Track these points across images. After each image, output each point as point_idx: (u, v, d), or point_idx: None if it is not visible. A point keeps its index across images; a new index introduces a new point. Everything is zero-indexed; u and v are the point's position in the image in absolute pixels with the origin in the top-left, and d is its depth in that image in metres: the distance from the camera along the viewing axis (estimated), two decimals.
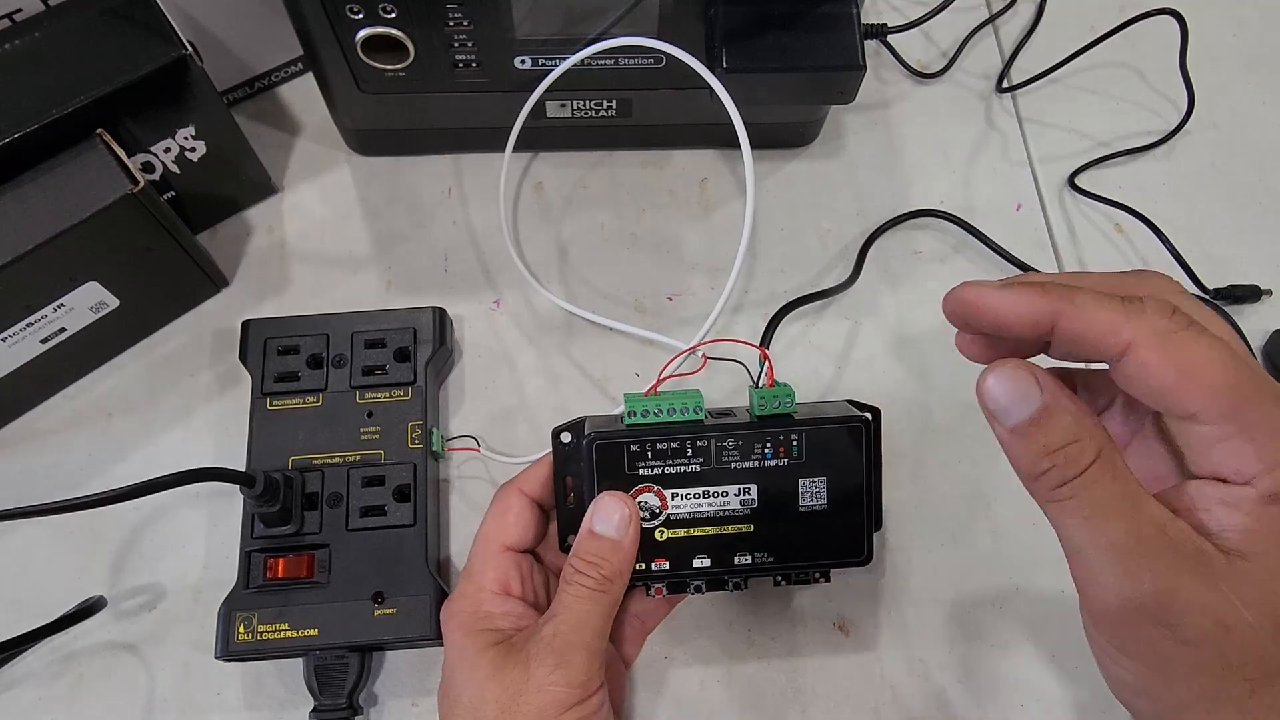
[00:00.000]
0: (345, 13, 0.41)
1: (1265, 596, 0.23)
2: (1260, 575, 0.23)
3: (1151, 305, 0.25)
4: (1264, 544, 0.24)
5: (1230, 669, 0.24)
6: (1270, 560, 0.23)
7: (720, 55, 0.41)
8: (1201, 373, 0.24)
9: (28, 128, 0.39)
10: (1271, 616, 0.23)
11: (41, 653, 0.42)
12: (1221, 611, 0.23)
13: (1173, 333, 0.25)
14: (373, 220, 0.52)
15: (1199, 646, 0.24)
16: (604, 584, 0.34)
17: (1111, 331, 0.25)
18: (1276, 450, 0.24)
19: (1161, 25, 0.53)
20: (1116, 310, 0.25)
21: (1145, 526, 0.24)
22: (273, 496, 0.40)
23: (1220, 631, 0.24)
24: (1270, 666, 0.23)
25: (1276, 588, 0.23)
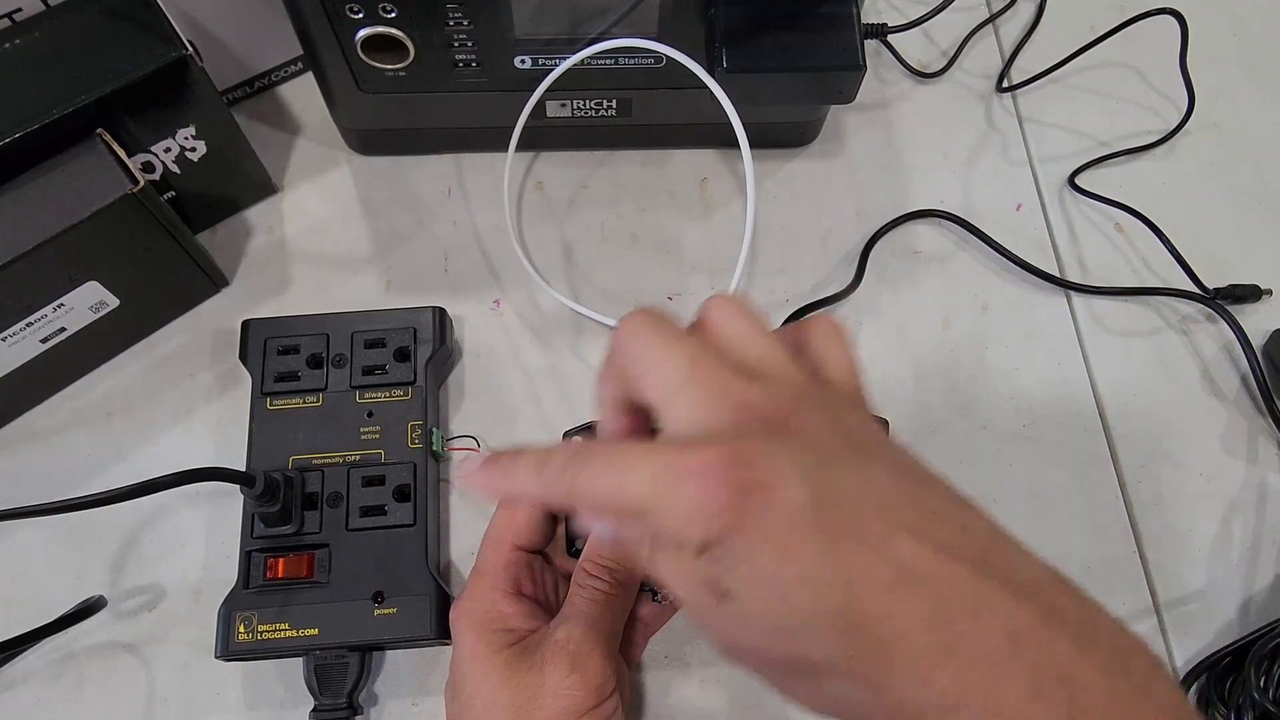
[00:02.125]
0: (345, 12, 0.41)
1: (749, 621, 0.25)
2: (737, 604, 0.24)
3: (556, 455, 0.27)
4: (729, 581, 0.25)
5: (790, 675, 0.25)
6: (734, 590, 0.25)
7: (720, 55, 0.41)
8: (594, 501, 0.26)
9: (28, 128, 0.39)
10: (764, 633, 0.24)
11: (41, 653, 0.42)
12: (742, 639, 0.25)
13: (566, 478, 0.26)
14: (373, 220, 0.52)
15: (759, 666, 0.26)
16: (615, 587, 0.34)
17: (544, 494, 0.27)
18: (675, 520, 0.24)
19: (1161, 25, 0.53)
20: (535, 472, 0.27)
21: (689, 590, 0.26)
22: (273, 496, 0.40)
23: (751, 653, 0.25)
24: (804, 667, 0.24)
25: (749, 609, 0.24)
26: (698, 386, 0.25)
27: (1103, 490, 0.47)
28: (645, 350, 0.27)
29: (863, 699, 0.24)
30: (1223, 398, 0.50)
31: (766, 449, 0.24)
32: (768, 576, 0.24)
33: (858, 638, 0.23)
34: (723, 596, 0.25)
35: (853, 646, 0.23)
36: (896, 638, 0.23)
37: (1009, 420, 0.48)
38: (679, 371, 0.26)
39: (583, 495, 0.26)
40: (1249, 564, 0.46)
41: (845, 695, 0.25)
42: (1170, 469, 0.48)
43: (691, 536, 0.24)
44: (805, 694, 0.26)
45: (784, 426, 0.25)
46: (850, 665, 0.24)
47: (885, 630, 0.23)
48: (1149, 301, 0.52)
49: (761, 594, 0.24)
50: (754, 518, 0.24)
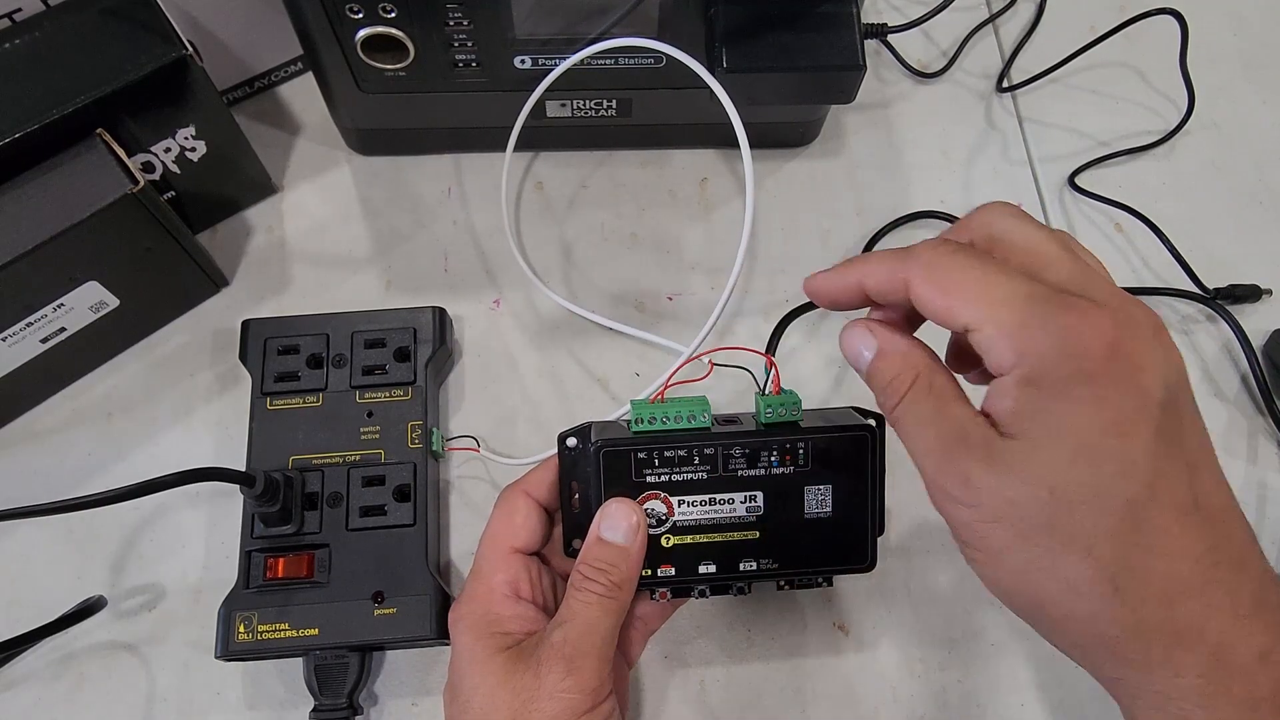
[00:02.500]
0: (345, 13, 0.41)
1: (1033, 467, 0.26)
2: (1026, 449, 0.26)
3: (921, 246, 0.29)
4: (1025, 422, 0.26)
5: (1026, 537, 0.26)
6: (1034, 433, 0.26)
7: (720, 55, 0.41)
8: (959, 288, 0.27)
9: (28, 128, 0.39)
10: (1042, 483, 0.26)
11: (41, 653, 0.42)
12: (1003, 487, 0.26)
13: (935, 262, 0.28)
14: (373, 220, 0.52)
15: (998, 522, 0.27)
16: (612, 590, 0.34)
17: (893, 278, 0.29)
18: (1026, 340, 0.26)
19: (1161, 25, 0.53)
20: (894, 260, 0.30)
21: (949, 428, 0.28)
22: (273, 496, 0.40)
23: (1007, 505, 0.26)
24: (1056, 529, 0.26)
25: (1041, 457, 0.26)
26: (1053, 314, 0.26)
27: None
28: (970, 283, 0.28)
29: (1094, 599, 0.26)
30: (1223, 398, 0.50)
31: (1149, 342, 0.26)
32: (1088, 435, 0.25)
33: (1136, 535, 0.25)
34: (998, 436, 0.27)
35: (1126, 540, 0.25)
36: (1165, 553, 0.25)
37: None
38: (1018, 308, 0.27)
39: (940, 283, 0.28)
40: None
41: (1078, 587, 0.26)
42: None
43: (1042, 361, 0.25)
44: (1021, 564, 0.27)
45: (1160, 334, 0.27)
46: (1110, 556, 0.25)
47: (1161, 541, 0.25)
48: (1149, 301, 0.52)
49: (1066, 447, 0.25)
50: (1108, 382, 0.25)
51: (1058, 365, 0.25)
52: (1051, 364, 0.25)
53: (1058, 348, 0.25)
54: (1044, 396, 0.26)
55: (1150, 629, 0.25)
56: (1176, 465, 0.25)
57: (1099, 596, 0.25)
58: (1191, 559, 0.25)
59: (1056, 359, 0.25)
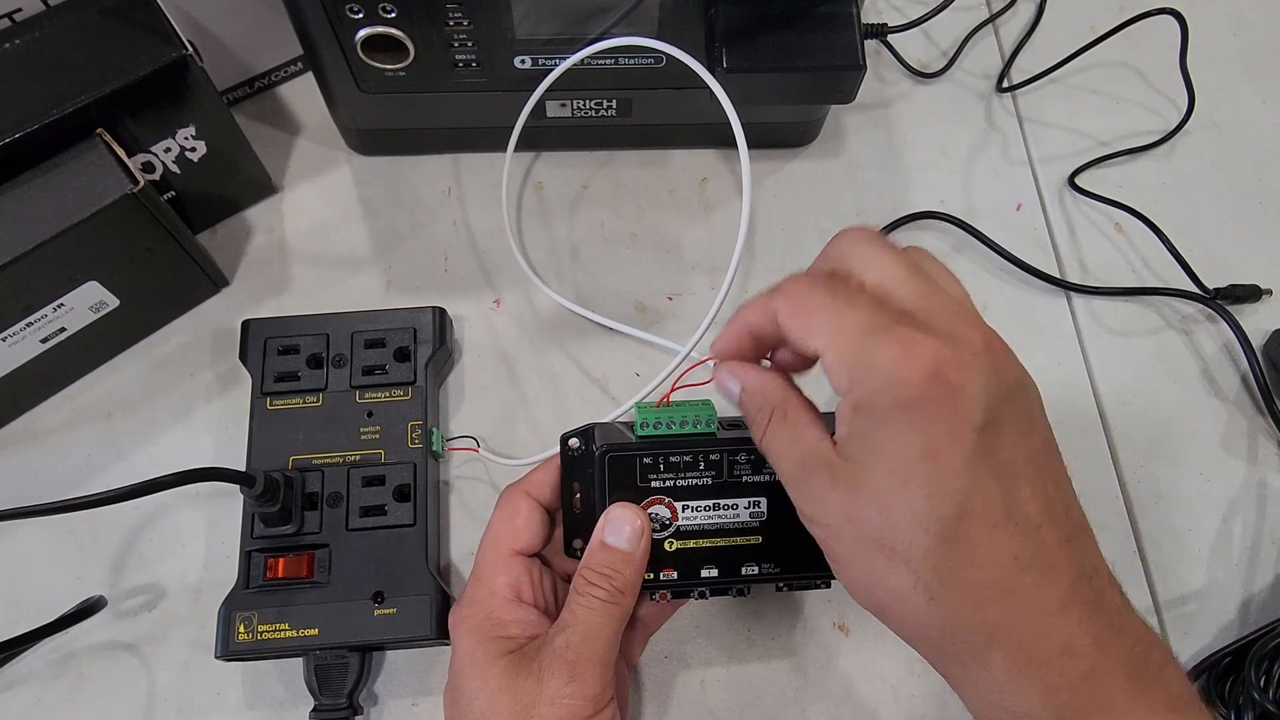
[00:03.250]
0: (345, 13, 0.41)
1: (864, 489, 0.28)
2: (857, 472, 0.28)
3: (788, 280, 0.31)
4: (855, 446, 0.28)
5: (863, 550, 0.29)
6: (861, 456, 0.28)
7: (720, 55, 0.41)
8: (810, 317, 0.30)
9: (28, 128, 0.39)
10: (872, 503, 0.28)
11: (41, 653, 0.42)
12: (843, 506, 0.29)
13: (795, 293, 0.31)
14: (373, 220, 0.52)
15: (841, 537, 0.29)
16: (615, 595, 0.34)
17: (766, 312, 0.32)
18: (856, 370, 0.28)
19: (1161, 25, 0.53)
20: (766, 296, 0.32)
21: (802, 453, 0.30)
22: (273, 496, 0.40)
23: (846, 523, 0.29)
24: (884, 544, 0.28)
25: (869, 480, 0.28)
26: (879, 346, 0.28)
27: (1103, 490, 0.47)
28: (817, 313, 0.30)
29: (916, 605, 0.28)
30: (1223, 398, 0.50)
31: (972, 364, 0.28)
32: (901, 460, 0.27)
33: (948, 549, 0.27)
34: (838, 457, 0.29)
35: (939, 553, 0.27)
36: (975, 563, 0.27)
37: None
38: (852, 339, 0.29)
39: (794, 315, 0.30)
40: (1249, 564, 0.46)
41: (904, 594, 0.28)
42: (1170, 469, 0.48)
43: (868, 389, 0.28)
44: (862, 574, 0.30)
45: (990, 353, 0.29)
46: (926, 568, 0.28)
47: (970, 552, 0.27)
48: (1149, 301, 0.52)
49: (883, 470, 0.28)
50: (929, 406, 0.27)
51: (881, 394, 0.27)
52: (876, 393, 0.28)
53: (882, 377, 0.27)
54: (870, 423, 0.28)
55: (963, 629, 0.28)
56: (988, 481, 0.27)
57: (919, 604, 0.28)
58: (998, 566, 0.27)
59: (880, 388, 0.27)
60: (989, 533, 0.27)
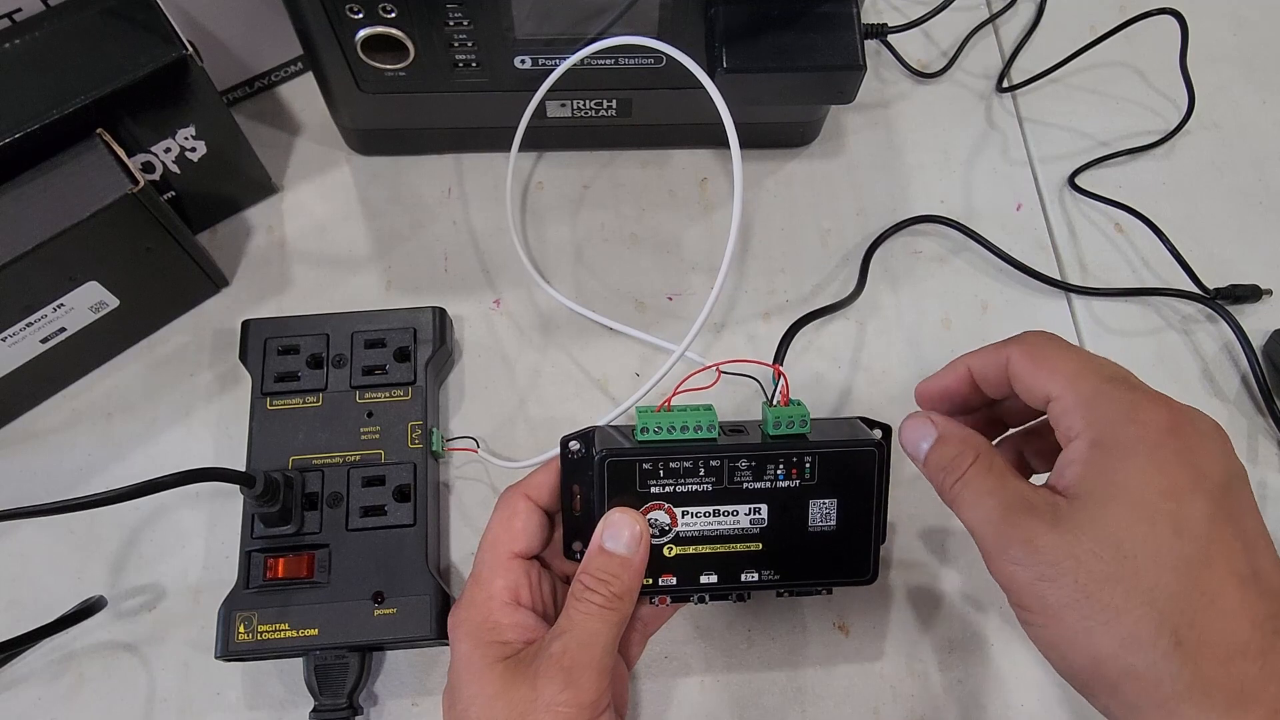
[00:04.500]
0: (345, 13, 0.41)
1: (1097, 524, 0.28)
2: (1092, 508, 0.28)
3: (1024, 333, 0.34)
4: (1091, 482, 0.28)
5: (1089, 592, 0.27)
6: (1098, 492, 0.28)
7: (720, 55, 0.41)
8: (1051, 362, 0.32)
9: (28, 128, 0.39)
10: (1106, 539, 0.27)
11: (41, 653, 0.42)
12: (1068, 546, 0.28)
13: (1034, 342, 0.33)
14: (373, 220, 0.52)
15: (1058, 581, 0.28)
16: (613, 601, 0.34)
17: (997, 356, 0.34)
18: (1096, 409, 0.29)
19: (1161, 25, 0.53)
20: (999, 345, 0.34)
21: (1011, 497, 0.30)
22: (273, 496, 0.40)
23: (1072, 562, 0.28)
24: (1120, 582, 0.27)
25: (1104, 515, 0.28)
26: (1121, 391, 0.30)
27: None
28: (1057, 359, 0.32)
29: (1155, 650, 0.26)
30: (1223, 398, 0.49)
31: (1207, 426, 0.30)
32: (1148, 495, 0.27)
33: (1196, 595, 0.26)
34: (1059, 497, 0.29)
35: (1187, 597, 0.26)
36: (1225, 614, 0.26)
37: None
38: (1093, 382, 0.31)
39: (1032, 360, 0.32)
40: None
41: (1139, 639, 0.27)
42: None
43: (1109, 426, 0.28)
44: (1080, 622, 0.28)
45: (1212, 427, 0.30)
46: (1173, 610, 0.26)
47: (1217, 603, 0.26)
48: (1149, 301, 0.52)
49: (1124, 510, 0.27)
50: (1167, 452, 0.28)
51: (1122, 429, 0.28)
52: (1117, 429, 0.28)
53: (1124, 415, 0.28)
54: (1109, 457, 0.28)
55: (1209, 686, 0.26)
56: (1232, 538, 0.27)
57: (1160, 649, 0.26)
58: (1250, 622, 0.26)
59: (1122, 424, 0.28)
60: (1239, 586, 0.26)
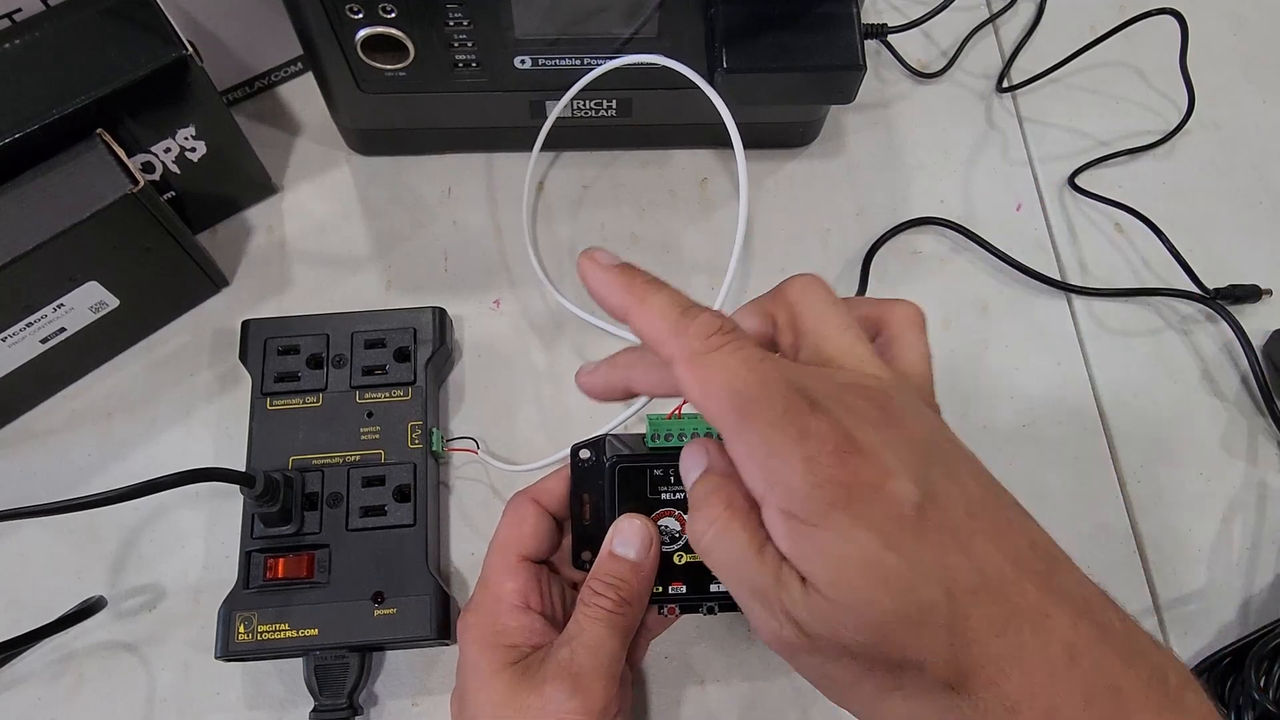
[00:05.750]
0: (345, 13, 0.41)
1: (846, 610, 0.25)
2: (830, 593, 0.25)
3: (699, 321, 0.27)
4: (811, 563, 0.25)
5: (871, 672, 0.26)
6: (825, 576, 0.25)
7: (720, 55, 0.41)
8: (716, 394, 0.26)
9: (28, 128, 0.39)
10: (863, 625, 0.25)
11: (41, 653, 0.42)
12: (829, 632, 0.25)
13: (701, 353, 0.26)
14: (373, 220, 0.52)
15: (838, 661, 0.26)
16: (622, 606, 0.34)
17: (659, 342, 0.27)
18: (773, 471, 0.25)
19: (1161, 25, 0.53)
20: (667, 321, 0.27)
21: (767, 570, 0.26)
22: (273, 496, 0.40)
23: (838, 648, 0.25)
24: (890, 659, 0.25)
25: (847, 599, 0.25)
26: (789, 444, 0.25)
27: (1103, 490, 0.47)
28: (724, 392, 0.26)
29: (939, 701, 0.26)
30: (1223, 398, 0.50)
31: (879, 441, 0.25)
32: (867, 562, 0.24)
33: (953, 635, 0.25)
34: (803, 583, 0.25)
35: (949, 644, 0.25)
36: (974, 641, 0.25)
37: (1009, 420, 0.48)
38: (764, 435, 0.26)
39: (700, 383, 0.26)
40: (1249, 564, 0.46)
41: (924, 696, 0.26)
42: (1170, 469, 0.48)
43: (794, 497, 0.25)
44: (868, 698, 0.27)
45: (889, 422, 0.26)
46: (942, 666, 0.25)
47: (966, 633, 0.25)
48: (1149, 302, 0.52)
49: (857, 580, 0.25)
50: (862, 502, 0.25)
51: (808, 498, 0.25)
52: (802, 498, 0.25)
53: (804, 479, 0.25)
54: (810, 531, 0.25)
55: (988, 714, 0.25)
56: (951, 551, 0.25)
57: (943, 700, 0.25)
58: (995, 635, 0.25)
59: (805, 492, 0.25)
60: (975, 603, 0.25)
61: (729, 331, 0.27)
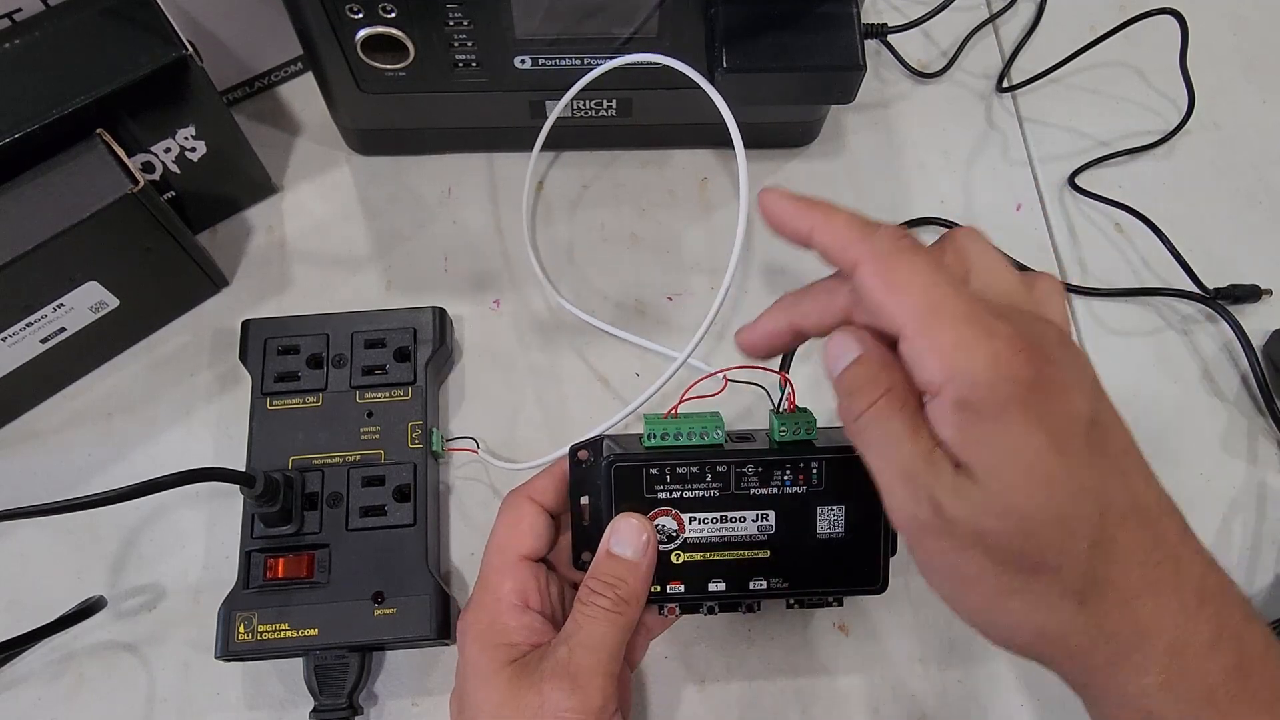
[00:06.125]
0: (345, 13, 0.41)
1: (997, 498, 0.26)
2: (984, 480, 0.26)
3: (884, 230, 0.29)
4: (973, 451, 0.26)
5: (1001, 564, 0.27)
6: (985, 463, 0.26)
7: (720, 55, 0.41)
8: (904, 290, 0.27)
9: (28, 128, 0.39)
10: (1009, 514, 0.26)
11: (41, 653, 0.42)
12: (973, 518, 0.26)
13: (891, 254, 0.28)
14: (373, 220, 0.52)
15: (972, 550, 0.27)
16: (620, 605, 0.34)
17: (845, 247, 0.29)
18: (956, 363, 0.26)
19: (1161, 25, 0.53)
20: (854, 230, 0.29)
21: (916, 451, 0.27)
22: (273, 496, 0.40)
23: (978, 536, 0.26)
24: (1027, 555, 0.26)
25: (1001, 488, 0.26)
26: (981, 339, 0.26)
27: None
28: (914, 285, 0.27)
29: (1063, 612, 0.27)
30: (1223, 398, 0.50)
31: (1063, 359, 0.27)
32: (1034, 460, 0.26)
33: (1096, 551, 0.26)
34: (956, 468, 0.26)
35: (1089, 558, 0.26)
36: (1117, 562, 0.26)
37: None
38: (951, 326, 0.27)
39: (889, 278, 0.27)
40: (1249, 564, 0.46)
41: (1048, 604, 0.27)
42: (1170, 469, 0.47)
43: (973, 385, 0.26)
44: (989, 595, 0.27)
45: (1069, 348, 0.28)
46: (1077, 576, 0.26)
47: (1111, 552, 0.26)
48: (1149, 302, 0.52)
49: (1018, 475, 0.26)
50: (1043, 403, 0.26)
51: (986, 389, 0.25)
52: (981, 388, 0.26)
53: (986, 371, 0.25)
54: (983, 421, 0.26)
55: (1113, 635, 0.27)
56: (1112, 475, 0.27)
57: (1067, 612, 0.27)
58: (1138, 563, 0.26)
59: (985, 383, 0.26)
60: (1124, 527, 0.26)
61: (913, 238, 0.29)
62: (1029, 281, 0.31)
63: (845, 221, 0.30)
